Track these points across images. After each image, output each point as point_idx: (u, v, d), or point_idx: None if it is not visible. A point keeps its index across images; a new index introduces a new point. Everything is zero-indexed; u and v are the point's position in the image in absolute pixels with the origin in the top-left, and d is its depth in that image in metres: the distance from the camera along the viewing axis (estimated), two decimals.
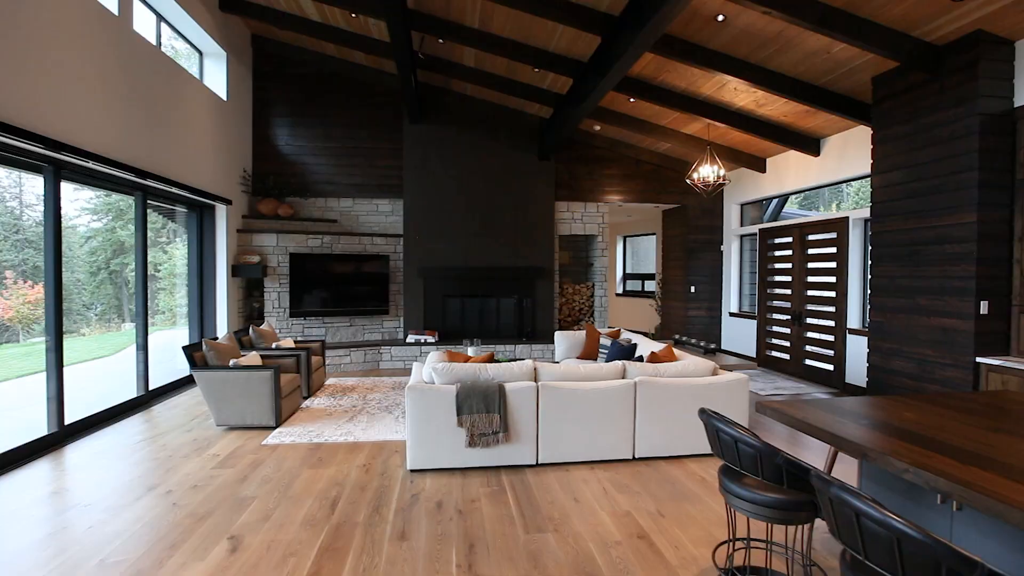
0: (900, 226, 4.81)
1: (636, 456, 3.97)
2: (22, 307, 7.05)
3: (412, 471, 3.73)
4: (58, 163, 4.26)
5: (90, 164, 4.40)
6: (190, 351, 4.76)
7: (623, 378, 4.06)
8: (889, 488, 2.34)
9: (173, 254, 7.43)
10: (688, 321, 9.37)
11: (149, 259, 7.89)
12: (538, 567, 2.54)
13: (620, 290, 12.98)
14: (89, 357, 7.19)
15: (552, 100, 7.37)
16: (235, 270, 7.28)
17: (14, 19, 3.65)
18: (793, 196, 8.34)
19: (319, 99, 8.13)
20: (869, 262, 5.31)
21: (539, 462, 3.85)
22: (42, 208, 4.33)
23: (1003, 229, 4.14)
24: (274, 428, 4.74)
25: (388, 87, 8.17)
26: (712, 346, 9.03)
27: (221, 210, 7.06)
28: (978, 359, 4.11)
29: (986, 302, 4.13)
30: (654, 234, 11.47)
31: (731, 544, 2.39)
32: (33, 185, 6.07)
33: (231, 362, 4.83)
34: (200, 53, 6.94)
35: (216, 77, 7.06)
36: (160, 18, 5.96)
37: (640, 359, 4.59)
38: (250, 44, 7.83)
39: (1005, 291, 4.15)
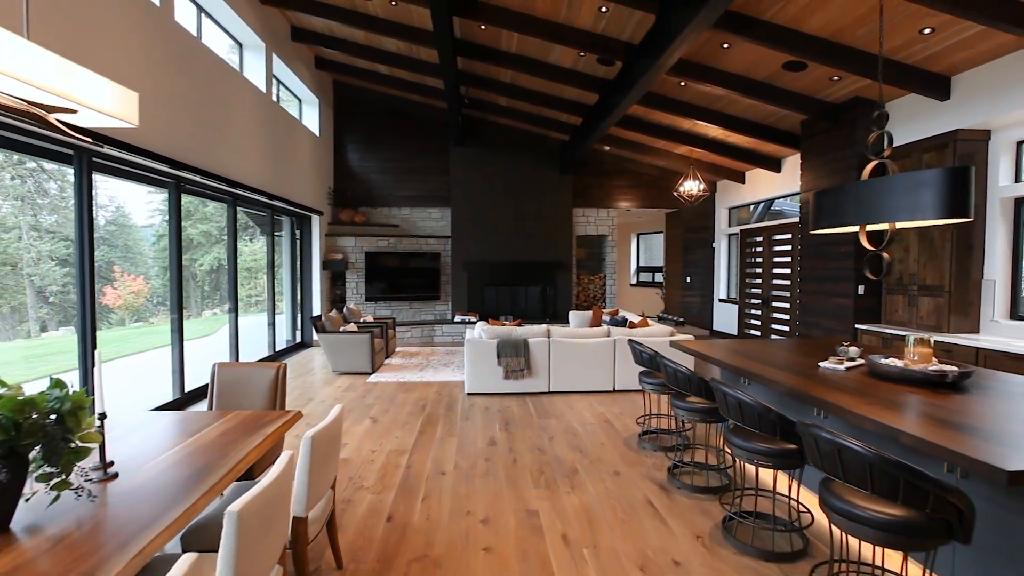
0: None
1: (615, 388, 5.95)
2: (128, 296, 9.37)
3: (468, 394, 5.83)
4: (235, 196, 6.49)
5: (254, 196, 6.64)
6: (314, 321, 6.98)
7: (608, 337, 6.04)
8: (733, 383, 4.26)
9: (242, 251, 9.56)
10: (685, 306, 11.19)
11: (218, 255, 10.05)
12: (544, 430, 4.57)
13: (634, 281, 14.82)
14: (200, 335, 9.57)
15: (568, 130, 9.32)
16: (324, 265, 9.54)
17: (221, 106, 5.86)
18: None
19: (384, 129, 10.28)
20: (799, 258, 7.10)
21: (550, 390, 5.88)
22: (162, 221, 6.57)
23: (876, 235, 5.89)
24: (371, 374, 6.91)
25: (438, 119, 10.24)
26: (681, 320, 10.90)
27: (316, 219, 9.31)
28: (856, 326, 5.91)
29: (863, 286, 5.92)
30: (663, 232, 13.26)
31: (646, 417, 4.38)
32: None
33: (340, 328, 7.03)
34: (300, 101, 9.17)
35: (311, 118, 9.28)
36: (279, 83, 8.18)
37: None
38: (332, 89, 10.03)
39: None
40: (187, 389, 5.41)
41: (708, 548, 2.66)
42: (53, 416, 1.60)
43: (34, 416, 1.57)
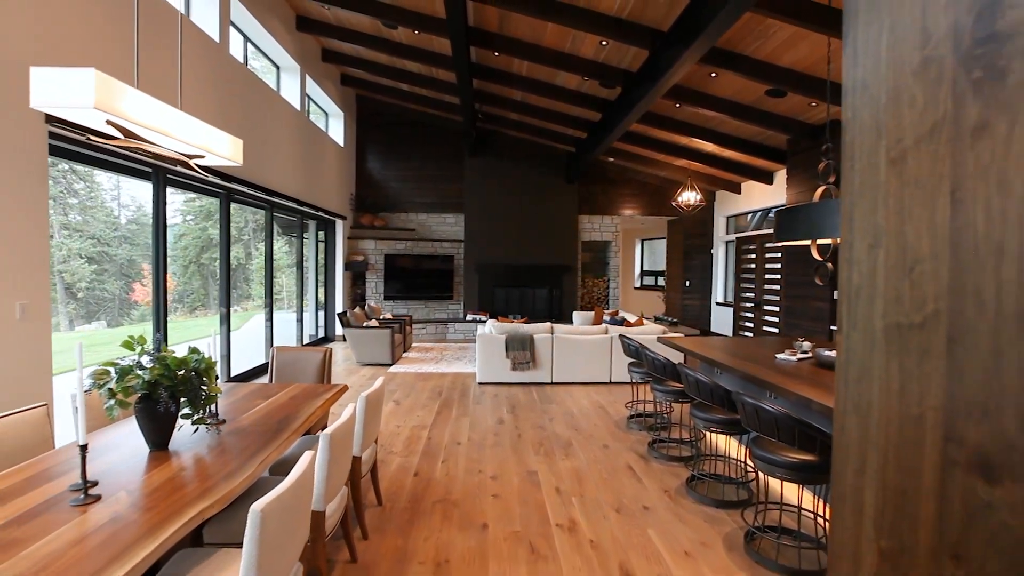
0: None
1: (611, 381, 6.60)
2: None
3: (480, 383, 6.50)
4: (271, 203, 7.23)
5: (287, 203, 7.37)
6: (341, 316, 7.70)
7: (606, 334, 6.68)
8: (708, 373, 4.89)
9: (263, 251, 10.22)
10: (685, 309, 11.80)
11: (236, 254, 10.69)
12: (545, 413, 5.24)
13: (638, 284, 15.42)
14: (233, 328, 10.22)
15: (574, 142, 9.98)
16: (347, 266, 10.27)
17: (263, 124, 6.60)
18: None
19: (402, 139, 11.01)
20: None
21: (553, 381, 6.54)
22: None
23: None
24: (391, 365, 7.62)
25: (454, 130, 10.95)
26: (675, 320, 11.51)
27: (339, 223, 10.05)
28: (831, 327, 6.51)
29: (837, 291, 6.50)
30: (665, 238, 13.86)
31: (633, 403, 5.02)
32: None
33: (364, 324, 7.74)
34: (326, 114, 9.92)
35: (337, 130, 10.04)
36: (310, 99, 8.94)
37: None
38: (355, 102, 10.78)
39: None
40: (231, 375, 6.13)
41: (672, 499, 3.31)
42: (195, 372, 2.30)
43: (184, 371, 2.27)
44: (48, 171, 3.26)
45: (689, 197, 9.33)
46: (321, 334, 9.95)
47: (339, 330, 9.82)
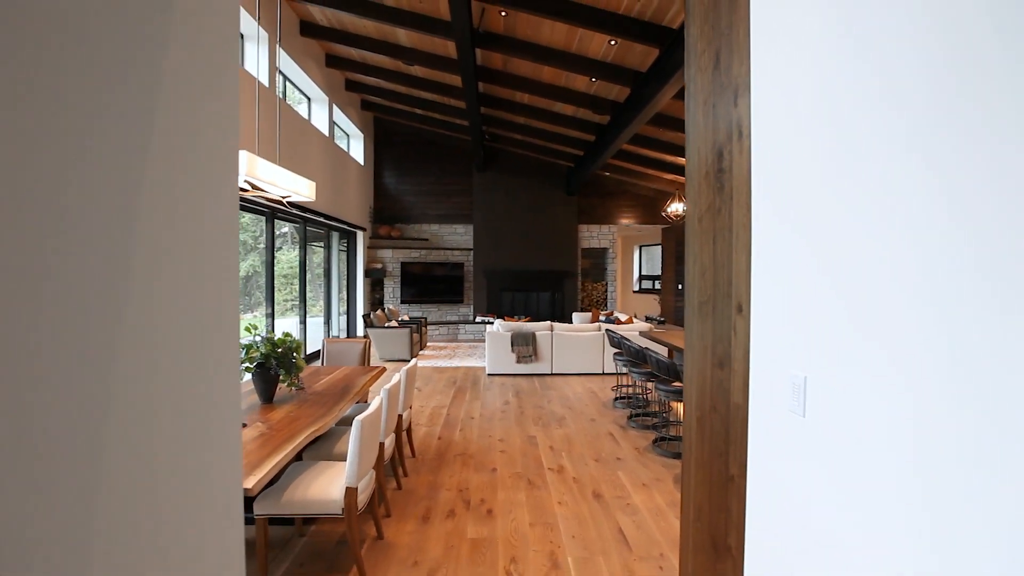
0: None
1: (604, 372, 7.52)
2: None
3: (489, 374, 7.45)
4: (304, 218, 8.24)
5: (317, 218, 8.39)
6: (365, 318, 8.67)
7: (599, 331, 7.61)
8: (680, 359, 5.80)
9: (279, 259, 11.20)
10: (677, 310, 12.69)
11: (252, 263, 11.68)
12: (544, 397, 6.17)
13: (637, 288, 16.32)
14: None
15: (573, 159, 10.94)
16: (367, 273, 11.27)
17: (302, 153, 7.61)
18: None
19: (416, 157, 12.02)
20: None
21: (552, 372, 7.47)
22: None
23: None
24: (409, 360, 8.56)
25: (463, 148, 11.95)
26: (663, 319, 12.34)
27: (360, 234, 11.06)
28: None
29: None
30: (661, 245, 14.75)
31: (618, 387, 5.95)
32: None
33: (385, 324, 8.71)
34: (348, 136, 10.95)
35: (357, 150, 11.06)
36: (335, 124, 9.97)
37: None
38: (373, 124, 11.82)
39: None
40: None
41: (641, 453, 4.23)
42: (289, 348, 3.27)
43: (283, 348, 3.23)
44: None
45: (677, 208, 10.24)
46: (344, 335, 10.94)
47: (360, 331, 10.79)
